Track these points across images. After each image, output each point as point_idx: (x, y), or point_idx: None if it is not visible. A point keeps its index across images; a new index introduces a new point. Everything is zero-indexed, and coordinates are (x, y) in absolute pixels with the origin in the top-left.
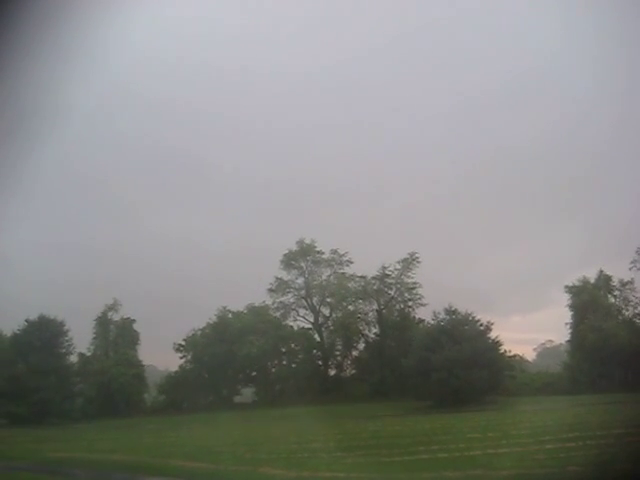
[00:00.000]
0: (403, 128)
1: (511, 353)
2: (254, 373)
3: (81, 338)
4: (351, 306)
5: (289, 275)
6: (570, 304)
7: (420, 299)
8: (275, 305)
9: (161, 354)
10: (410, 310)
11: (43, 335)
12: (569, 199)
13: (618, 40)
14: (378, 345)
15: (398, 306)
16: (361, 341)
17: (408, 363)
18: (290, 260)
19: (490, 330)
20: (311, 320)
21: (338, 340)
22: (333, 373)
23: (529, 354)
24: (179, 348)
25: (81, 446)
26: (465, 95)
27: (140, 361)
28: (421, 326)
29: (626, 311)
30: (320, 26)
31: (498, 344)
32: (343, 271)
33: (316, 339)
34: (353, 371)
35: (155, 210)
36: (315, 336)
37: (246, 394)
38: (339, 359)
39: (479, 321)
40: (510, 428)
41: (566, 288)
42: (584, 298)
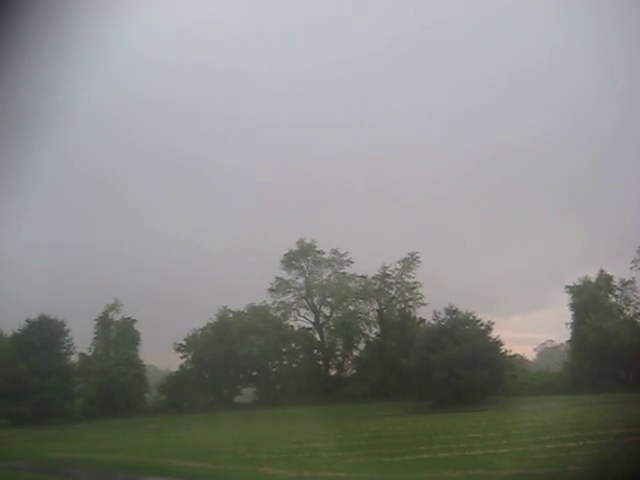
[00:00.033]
0: (403, 128)
1: (512, 353)
2: (255, 373)
3: (82, 338)
4: (352, 306)
5: (290, 275)
6: (571, 304)
7: (421, 299)
8: (276, 305)
9: (162, 354)
10: (411, 310)
11: (44, 335)
12: (569, 199)
13: (618, 40)
14: (379, 345)
15: (399, 306)
16: (362, 341)
17: (409, 363)
18: (291, 260)
19: (491, 330)
20: (312, 320)
21: (339, 340)
22: (334, 373)
23: (530, 354)
24: (180, 348)
25: (82, 446)
26: (465, 95)
27: (141, 361)
28: (422, 326)
29: (627, 311)
30: (320, 26)
31: (499, 344)
32: (344, 271)
33: (317, 339)
34: (354, 371)
35: (155, 210)
36: (316, 336)
37: (247, 394)
38: (340, 359)
39: (480, 321)
40: (511, 428)
41: (567, 288)
42: (585, 298)
